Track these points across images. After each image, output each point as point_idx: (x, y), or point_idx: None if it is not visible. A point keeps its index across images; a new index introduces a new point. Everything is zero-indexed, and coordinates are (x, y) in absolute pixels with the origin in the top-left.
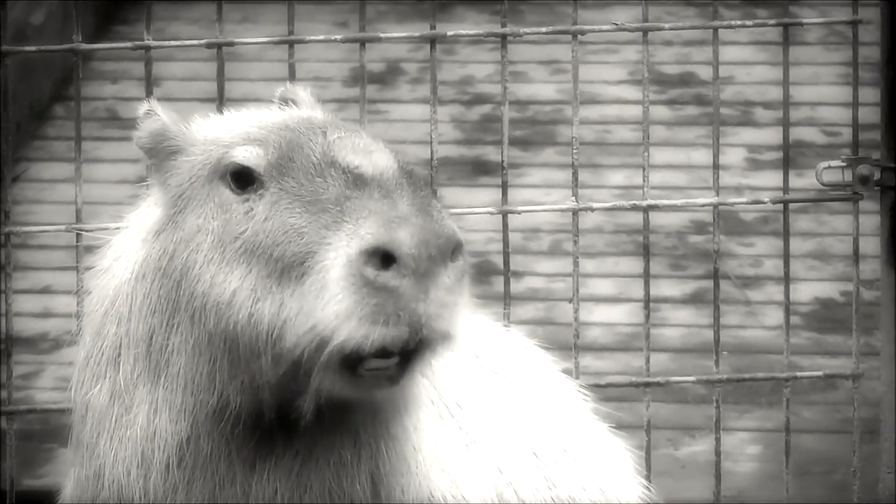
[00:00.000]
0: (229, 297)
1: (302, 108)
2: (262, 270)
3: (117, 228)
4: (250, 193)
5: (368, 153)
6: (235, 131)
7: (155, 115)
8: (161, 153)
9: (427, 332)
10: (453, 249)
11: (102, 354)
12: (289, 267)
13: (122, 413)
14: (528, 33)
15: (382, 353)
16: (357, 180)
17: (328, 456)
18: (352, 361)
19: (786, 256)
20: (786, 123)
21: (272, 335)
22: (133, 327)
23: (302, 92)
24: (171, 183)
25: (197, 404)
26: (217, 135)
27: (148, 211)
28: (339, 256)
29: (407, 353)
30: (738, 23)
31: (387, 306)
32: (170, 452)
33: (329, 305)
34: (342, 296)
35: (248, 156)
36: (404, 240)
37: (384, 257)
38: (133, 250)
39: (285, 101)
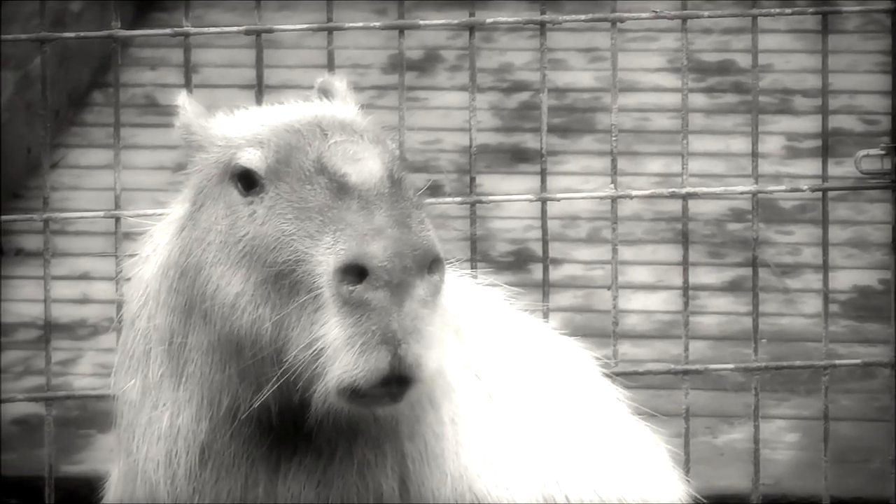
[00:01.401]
0: (232, 300)
1: (336, 99)
2: (259, 275)
3: (156, 215)
4: (254, 196)
5: (356, 160)
6: (244, 132)
7: (183, 110)
8: (190, 147)
9: (403, 352)
10: (431, 263)
11: (135, 349)
12: (281, 275)
13: (151, 411)
14: (567, 21)
15: (380, 382)
16: (341, 189)
17: (350, 456)
18: (352, 388)
19: (824, 244)
20: (824, 111)
21: (273, 343)
22: (158, 324)
23: (338, 83)
24: (193, 180)
25: (213, 405)
26: (230, 134)
27: (180, 204)
28: (322, 273)
29: (403, 378)
30: (777, 11)
31: (363, 324)
32: (193, 453)
33: (320, 329)
34: (331, 322)
35: (251, 159)
36: (376, 252)
37: (359, 272)
38: (164, 242)
39: (323, 91)
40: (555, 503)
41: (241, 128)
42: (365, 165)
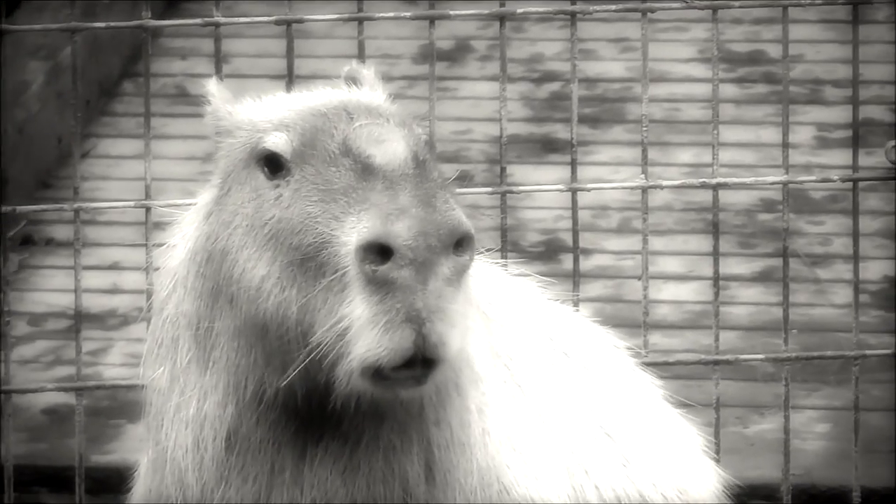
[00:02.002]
0: (258, 283)
1: (364, 87)
2: (285, 258)
3: (185, 204)
4: (280, 179)
5: (381, 142)
6: (271, 116)
7: (211, 96)
8: (218, 133)
9: (427, 330)
10: (459, 241)
11: (164, 336)
12: (307, 257)
13: (179, 398)
14: (597, 11)
15: (404, 363)
16: (365, 170)
17: (376, 441)
18: (375, 368)
19: (855, 235)
20: (855, 102)
21: (299, 325)
22: (185, 310)
23: (366, 71)
24: (221, 165)
25: (239, 390)
26: (255, 118)
27: (208, 190)
28: (346, 253)
29: (428, 359)
30: (808, 1)
31: (387, 302)
32: (220, 439)
33: (344, 309)
34: (355, 300)
35: (277, 142)
36: (400, 231)
37: (382, 250)
38: (192, 229)
39: (351, 80)
40: (584, 494)
41: (267, 113)
42: (389, 147)
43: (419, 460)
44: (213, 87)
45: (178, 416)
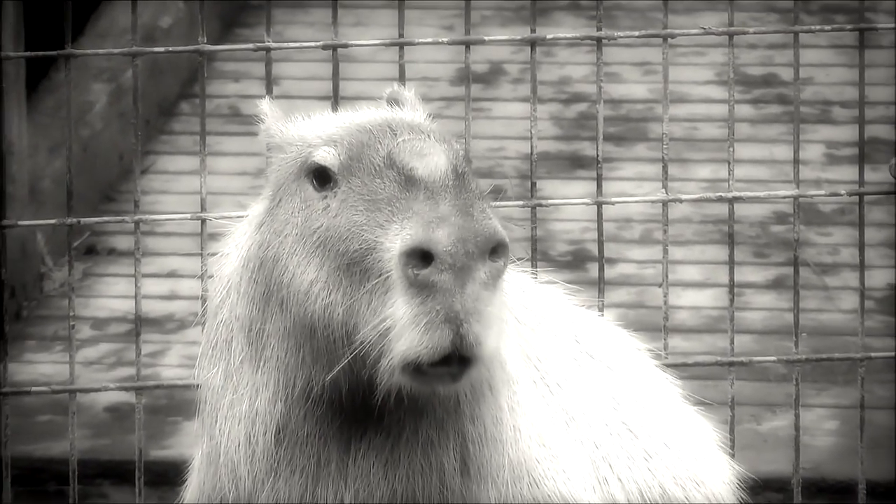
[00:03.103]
0: (307, 287)
1: (406, 107)
2: (332, 263)
3: (238, 217)
4: (328, 191)
5: (423, 155)
6: (319, 132)
7: (264, 115)
8: (270, 149)
9: (465, 331)
10: (494, 248)
11: (218, 338)
12: (353, 262)
13: (232, 395)
14: (621, 37)
15: (442, 360)
16: (408, 181)
17: (416, 436)
18: (415, 364)
19: (861, 245)
20: (861, 121)
21: (344, 325)
22: (239, 313)
23: (407, 92)
24: (272, 178)
25: (289, 387)
26: (305, 135)
27: (259, 202)
28: (390, 258)
29: (464, 357)
30: (818, 27)
31: (427, 304)
32: (270, 433)
33: (387, 310)
34: (398, 302)
35: (325, 156)
36: (441, 238)
37: (424, 256)
38: (244, 239)
39: (393, 101)
40: (608, 486)
41: (316, 129)
42: (431, 160)
43: (455, 454)
44: (265, 107)
45: (232, 412)
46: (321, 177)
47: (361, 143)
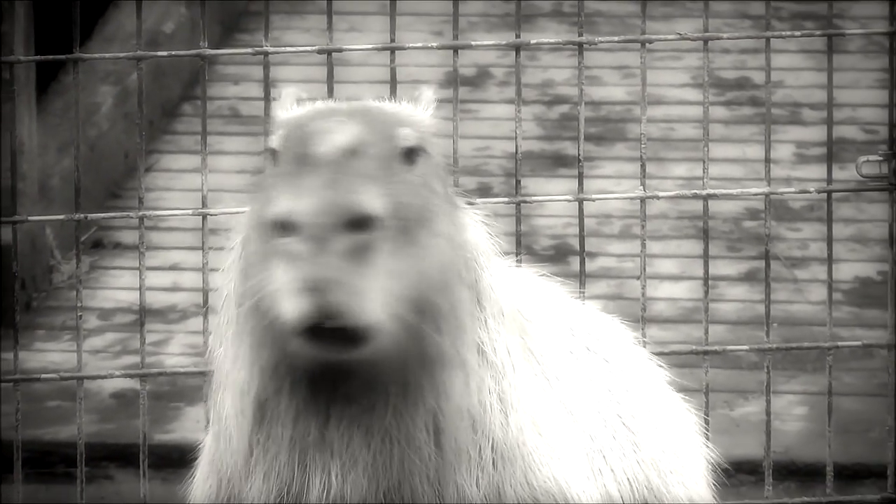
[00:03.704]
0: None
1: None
2: (257, 232)
3: (237, 213)
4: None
5: (325, 133)
6: (279, 123)
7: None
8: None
9: (324, 299)
10: (359, 221)
11: (224, 315)
12: (262, 234)
13: (230, 369)
14: (602, 42)
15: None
16: (304, 158)
17: (386, 406)
18: (308, 329)
19: (829, 240)
20: (830, 122)
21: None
22: (232, 289)
23: (428, 93)
24: None
25: (260, 361)
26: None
27: None
28: (266, 228)
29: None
30: (788, 33)
31: (291, 272)
32: (254, 408)
33: (264, 278)
34: (273, 272)
35: (274, 139)
36: (300, 208)
37: (289, 226)
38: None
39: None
40: (602, 477)
41: (286, 118)
42: (331, 137)
43: (426, 427)
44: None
45: (227, 383)
46: (272, 157)
47: (296, 125)
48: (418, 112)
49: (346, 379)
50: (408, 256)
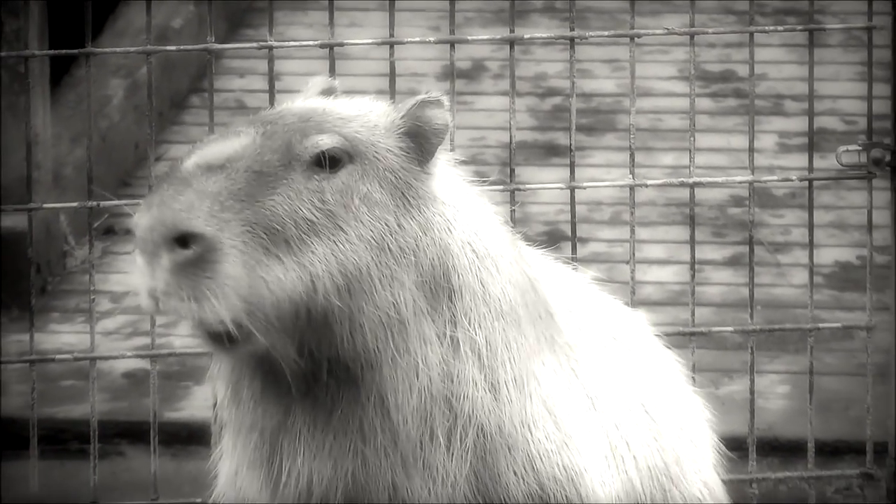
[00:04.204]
0: None
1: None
2: None
3: None
4: None
5: (201, 147)
6: None
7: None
8: None
9: (162, 307)
10: (183, 238)
11: None
12: None
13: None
14: (592, 36)
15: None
16: (169, 172)
17: (338, 392)
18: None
19: (810, 226)
20: (811, 113)
21: None
22: None
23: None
24: None
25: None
26: None
27: None
28: None
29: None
30: (771, 28)
31: (137, 278)
32: (228, 394)
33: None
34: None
35: None
36: (139, 223)
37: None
38: None
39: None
40: (624, 465)
41: None
42: (201, 152)
43: (372, 416)
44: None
45: (220, 370)
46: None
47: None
48: (371, 115)
49: (291, 375)
50: (276, 265)
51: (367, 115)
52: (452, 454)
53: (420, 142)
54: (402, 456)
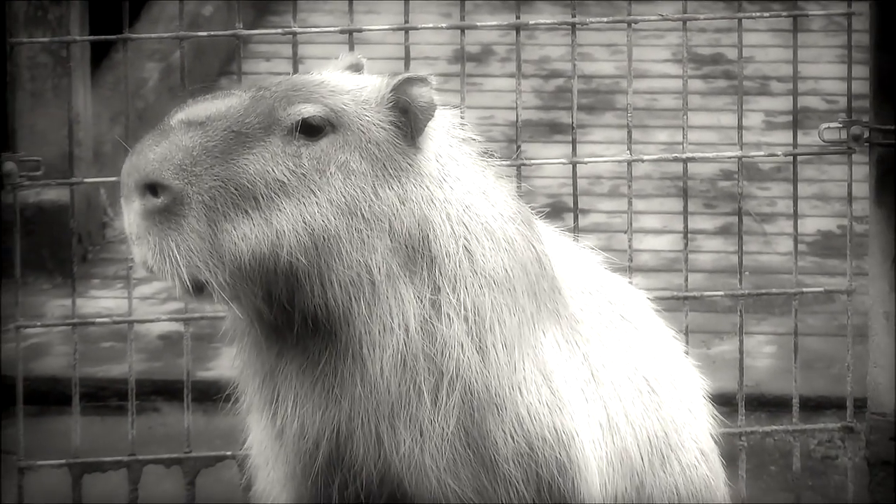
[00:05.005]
0: None
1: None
2: None
3: None
4: None
5: (189, 106)
6: None
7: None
8: None
9: (134, 250)
10: (153, 187)
11: None
12: None
13: None
14: (592, 22)
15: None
16: (156, 126)
17: (311, 328)
18: None
19: (794, 198)
20: (795, 93)
21: None
22: None
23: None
24: None
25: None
26: None
27: None
28: None
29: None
30: (758, 14)
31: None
32: (236, 339)
33: None
34: None
35: None
36: (122, 169)
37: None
38: None
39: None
40: (619, 432)
41: None
42: (195, 107)
43: (350, 370)
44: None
45: None
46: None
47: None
48: (365, 90)
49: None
50: (244, 220)
51: (360, 90)
52: (439, 410)
53: (409, 118)
54: (384, 408)
